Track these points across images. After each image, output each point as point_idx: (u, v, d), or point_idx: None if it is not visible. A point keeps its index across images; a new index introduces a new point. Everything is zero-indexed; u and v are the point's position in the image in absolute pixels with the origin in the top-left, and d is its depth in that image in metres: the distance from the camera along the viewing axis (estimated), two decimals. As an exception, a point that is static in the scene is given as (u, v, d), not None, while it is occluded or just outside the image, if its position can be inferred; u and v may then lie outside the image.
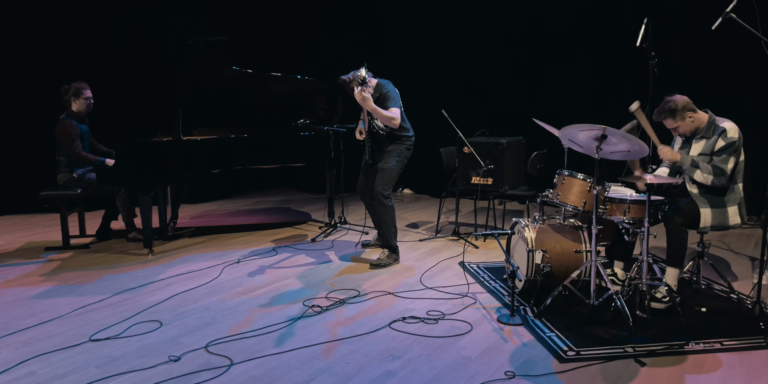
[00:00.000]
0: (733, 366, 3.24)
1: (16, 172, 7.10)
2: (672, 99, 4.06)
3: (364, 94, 4.80)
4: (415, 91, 7.39)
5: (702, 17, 5.06)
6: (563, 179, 4.16)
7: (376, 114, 4.90)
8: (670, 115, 4.06)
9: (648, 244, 3.75)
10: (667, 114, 4.07)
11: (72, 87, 5.52)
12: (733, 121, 4.07)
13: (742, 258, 5.27)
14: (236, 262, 5.20)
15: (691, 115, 4.05)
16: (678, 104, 4.03)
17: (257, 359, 3.35)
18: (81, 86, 5.53)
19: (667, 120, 4.10)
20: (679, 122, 4.07)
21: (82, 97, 5.52)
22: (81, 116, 5.58)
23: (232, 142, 5.68)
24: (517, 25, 7.53)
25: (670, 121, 4.09)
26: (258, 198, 8.49)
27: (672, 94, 4.11)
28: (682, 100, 4.04)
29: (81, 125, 5.55)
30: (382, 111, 4.89)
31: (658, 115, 4.11)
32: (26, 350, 3.48)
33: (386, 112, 4.90)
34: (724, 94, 6.39)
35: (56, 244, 5.72)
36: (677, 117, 4.05)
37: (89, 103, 5.58)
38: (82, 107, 5.55)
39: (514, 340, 3.57)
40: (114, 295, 4.40)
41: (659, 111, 4.10)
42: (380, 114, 4.90)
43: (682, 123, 4.07)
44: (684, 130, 4.12)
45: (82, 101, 5.53)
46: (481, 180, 5.96)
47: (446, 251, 5.54)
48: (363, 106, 4.87)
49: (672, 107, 4.04)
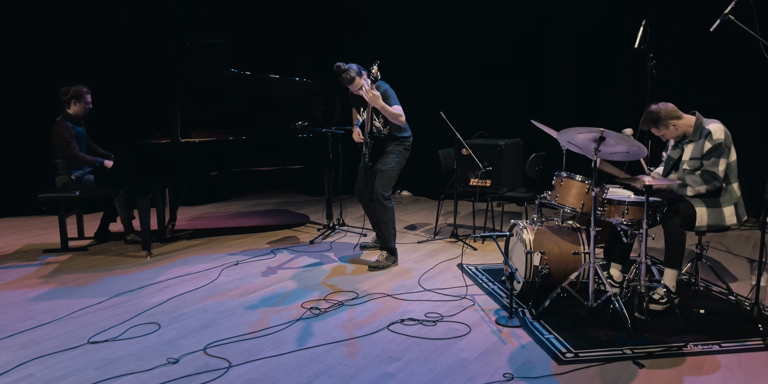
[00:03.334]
0: (731, 368, 3.24)
1: (14, 174, 7.09)
2: (655, 108, 4.13)
3: (374, 92, 4.79)
4: (412, 92, 7.39)
5: (700, 19, 5.06)
6: (561, 181, 4.16)
7: (385, 111, 4.89)
8: (653, 124, 4.15)
9: (646, 246, 3.75)
10: (650, 124, 4.17)
11: (72, 89, 5.50)
12: (732, 122, 4.08)
13: (741, 259, 5.27)
14: (234, 264, 5.19)
15: (675, 123, 4.11)
16: (660, 114, 4.10)
17: (256, 361, 3.35)
18: (82, 90, 5.52)
19: (651, 129, 4.20)
20: (663, 130, 4.16)
21: (82, 101, 5.51)
22: (77, 119, 5.57)
23: (231, 144, 5.68)
24: (516, 25, 7.54)
25: (654, 130, 4.19)
26: (256, 200, 8.49)
27: (656, 102, 4.16)
28: (665, 109, 4.10)
29: (77, 127, 5.54)
30: (390, 108, 4.89)
31: (642, 125, 4.20)
32: (24, 352, 3.48)
33: (393, 110, 4.91)
34: (723, 96, 6.41)
35: (55, 246, 5.72)
36: (660, 126, 4.13)
37: (88, 108, 5.58)
38: (80, 111, 5.54)
39: (512, 342, 3.58)
40: (112, 297, 4.40)
41: (643, 121, 4.19)
42: (388, 111, 4.89)
43: (666, 131, 4.15)
44: (670, 137, 4.21)
45: (81, 105, 5.52)
46: (480, 182, 5.96)
47: (445, 253, 5.54)
48: (372, 103, 4.83)
49: (654, 117, 4.12)
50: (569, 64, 7.34)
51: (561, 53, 7.37)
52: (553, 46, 7.41)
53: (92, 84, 5.71)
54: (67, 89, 5.52)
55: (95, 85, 5.76)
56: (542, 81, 7.50)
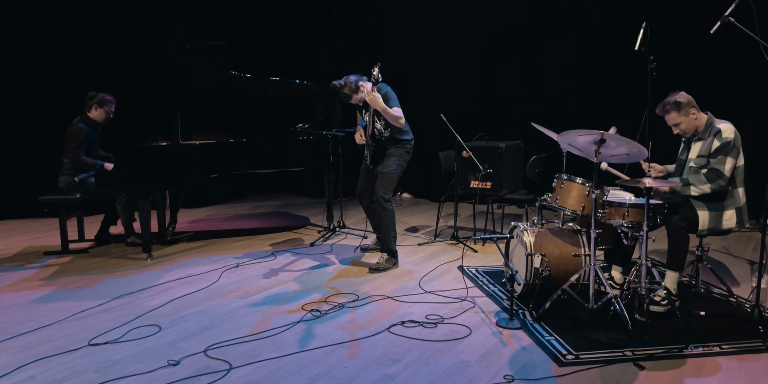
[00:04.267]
0: (732, 369, 3.24)
1: (15, 176, 7.09)
2: (678, 93, 4.06)
3: (374, 94, 4.80)
4: (413, 95, 7.40)
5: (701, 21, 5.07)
6: (562, 183, 4.16)
7: (386, 113, 4.91)
8: (675, 108, 4.02)
9: (647, 248, 3.75)
10: (672, 106, 4.03)
11: (99, 95, 5.54)
12: (733, 123, 4.07)
13: (741, 262, 5.27)
14: (235, 267, 5.19)
15: (695, 112, 4.04)
16: (682, 100, 4.02)
17: (256, 363, 3.35)
18: (108, 98, 5.56)
19: (671, 114, 4.05)
20: (682, 117, 4.03)
21: (105, 108, 5.54)
22: (95, 124, 5.58)
23: (231, 147, 5.68)
24: (515, 26, 7.55)
25: (674, 115, 4.05)
26: (257, 202, 8.49)
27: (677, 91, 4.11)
28: (687, 96, 4.05)
29: (93, 134, 5.55)
30: (391, 110, 4.91)
31: (662, 108, 4.06)
32: (25, 355, 3.48)
33: (394, 112, 4.92)
34: (724, 98, 6.41)
35: (55, 248, 5.72)
36: (681, 111, 4.01)
37: (109, 117, 5.60)
38: (101, 117, 5.56)
39: (513, 344, 3.57)
40: (113, 299, 4.40)
41: (664, 103, 4.06)
42: (389, 113, 4.91)
43: (685, 119, 4.04)
44: (685, 128, 4.09)
45: (102, 112, 5.54)
46: (480, 184, 5.96)
47: (445, 255, 5.54)
48: (373, 105, 4.84)
49: (678, 100, 4.01)
50: (570, 66, 7.34)
51: (561, 55, 7.38)
52: (553, 48, 7.41)
53: (93, 87, 5.72)
54: (94, 93, 5.56)
55: (96, 88, 5.76)
56: (542, 83, 7.51)
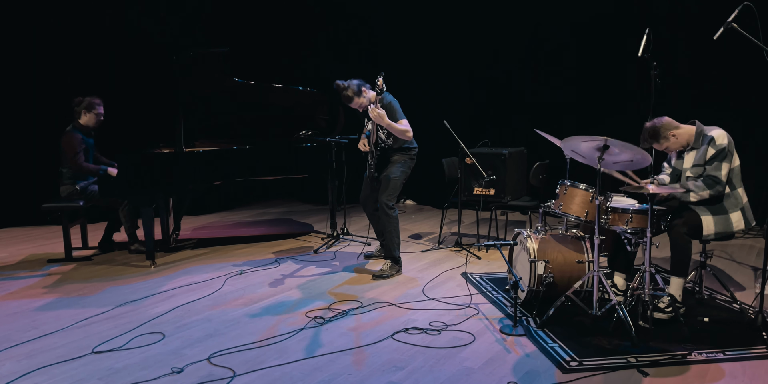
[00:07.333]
0: (735, 376, 3.23)
1: (18, 184, 7.11)
2: (650, 124, 4.14)
3: (378, 111, 4.71)
4: (416, 101, 7.40)
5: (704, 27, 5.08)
6: (565, 189, 4.17)
7: (392, 129, 4.85)
8: (653, 139, 4.14)
9: (650, 254, 3.74)
10: (650, 139, 4.15)
11: (86, 100, 5.54)
12: (735, 128, 4.08)
13: (745, 268, 5.26)
14: (239, 274, 5.20)
15: (674, 133, 4.11)
16: (656, 127, 4.10)
17: (260, 370, 3.35)
18: (95, 101, 5.56)
19: (653, 145, 4.18)
20: (664, 143, 4.14)
21: (94, 111, 5.54)
22: (88, 130, 5.60)
23: (234, 154, 5.69)
24: (516, 37, 7.57)
25: (656, 145, 4.18)
26: (260, 209, 8.50)
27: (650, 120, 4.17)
28: (660, 123, 4.11)
29: (87, 139, 5.57)
30: (397, 125, 4.84)
31: (642, 143, 4.18)
32: (29, 362, 3.48)
33: (400, 126, 4.86)
34: (727, 103, 6.41)
35: (59, 256, 5.72)
36: (660, 139, 4.12)
37: (99, 119, 5.61)
38: (92, 122, 5.57)
39: (516, 351, 3.57)
40: (116, 307, 4.40)
41: (642, 139, 4.18)
42: (395, 128, 4.84)
43: (668, 143, 4.14)
44: (674, 148, 4.19)
45: (92, 116, 5.55)
46: (484, 191, 5.96)
47: (449, 262, 5.53)
48: (378, 122, 4.78)
49: (651, 132, 4.12)
50: (572, 73, 7.35)
51: (564, 61, 7.39)
52: (555, 55, 7.43)
53: (96, 93, 5.73)
54: (80, 99, 5.56)
55: (99, 95, 5.76)
56: (545, 89, 7.52)
